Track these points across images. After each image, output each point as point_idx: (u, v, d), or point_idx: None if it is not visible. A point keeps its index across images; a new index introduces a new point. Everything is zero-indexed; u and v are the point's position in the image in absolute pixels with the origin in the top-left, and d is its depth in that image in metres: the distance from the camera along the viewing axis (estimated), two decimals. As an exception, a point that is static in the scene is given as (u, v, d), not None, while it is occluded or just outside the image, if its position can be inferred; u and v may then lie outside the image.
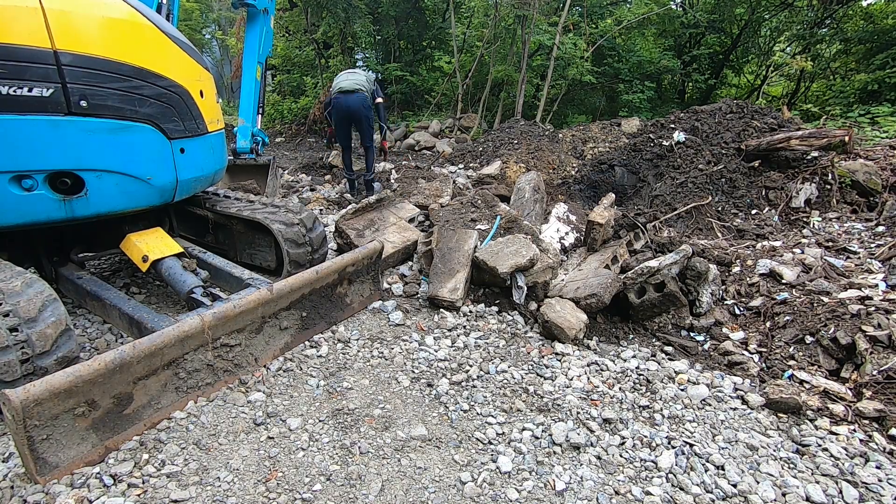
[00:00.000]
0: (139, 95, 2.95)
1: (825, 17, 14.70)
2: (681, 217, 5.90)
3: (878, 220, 5.27)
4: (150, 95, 3.01)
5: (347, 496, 2.16)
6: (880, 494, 2.33)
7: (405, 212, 5.50)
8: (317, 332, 3.34)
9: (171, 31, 3.29)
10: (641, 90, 14.68)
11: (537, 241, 4.50)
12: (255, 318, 2.87)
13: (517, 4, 12.45)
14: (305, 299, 3.20)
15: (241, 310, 2.72)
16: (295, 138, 16.48)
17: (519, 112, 13.47)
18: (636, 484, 2.35)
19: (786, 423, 2.87)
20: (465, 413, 2.77)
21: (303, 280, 3.10)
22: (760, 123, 7.05)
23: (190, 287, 3.11)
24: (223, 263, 3.60)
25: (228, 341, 2.74)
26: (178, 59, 3.26)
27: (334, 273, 3.36)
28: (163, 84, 3.08)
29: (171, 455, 2.30)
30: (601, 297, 3.78)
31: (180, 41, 3.33)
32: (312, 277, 3.16)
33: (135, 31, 2.96)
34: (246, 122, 7.24)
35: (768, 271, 4.28)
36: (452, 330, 3.67)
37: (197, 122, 3.37)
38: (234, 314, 2.70)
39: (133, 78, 2.91)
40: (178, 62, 3.25)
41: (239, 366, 2.82)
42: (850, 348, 3.25)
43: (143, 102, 2.98)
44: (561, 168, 9.17)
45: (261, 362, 2.95)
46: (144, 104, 2.99)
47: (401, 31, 17.75)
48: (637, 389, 3.11)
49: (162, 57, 3.11)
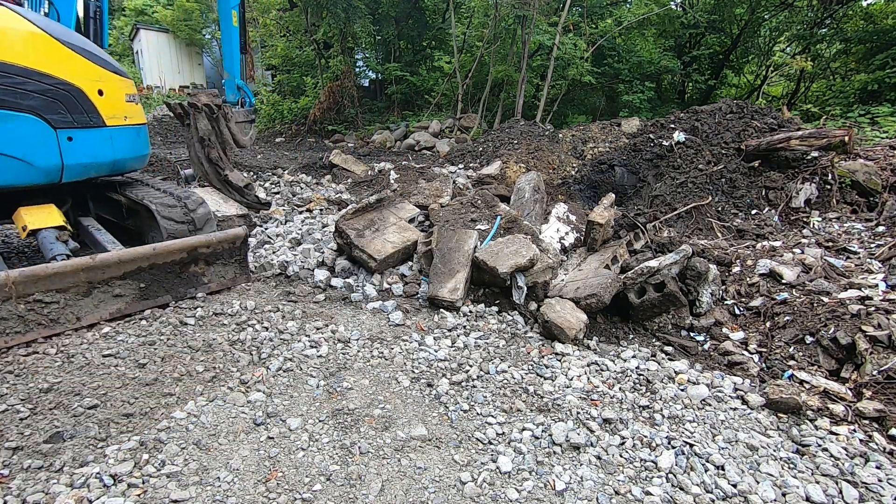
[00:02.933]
0: (23, 90, 3.50)
1: (825, 17, 14.71)
2: (681, 217, 5.90)
3: (878, 220, 5.27)
4: (35, 91, 3.55)
5: (347, 496, 2.16)
6: (880, 494, 2.33)
7: (405, 212, 5.50)
8: (160, 303, 3.60)
9: (71, 41, 3.86)
10: (641, 90, 14.68)
11: (537, 241, 4.50)
12: (80, 281, 3.20)
13: (517, 4, 12.45)
14: (144, 272, 3.50)
15: (54, 272, 3.07)
16: (295, 138, 16.49)
17: (519, 112, 13.47)
18: (636, 484, 2.35)
19: (786, 423, 2.87)
20: (465, 413, 2.77)
21: (135, 254, 3.44)
22: (760, 123, 7.05)
23: (54, 254, 3.46)
24: (104, 239, 4.03)
25: (44, 298, 3.08)
26: (72, 62, 3.82)
27: (178, 252, 3.64)
28: (49, 82, 3.62)
29: (171, 455, 2.30)
30: (601, 297, 3.78)
31: (81, 49, 3.91)
32: (148, 253, 3.49)
33: (22, 38, 3.56)
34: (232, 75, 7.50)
35: (768, 271, 4.28)
36: (452, 330, 3.67)
37: (90, 115, 3.90)
38: (46, 275, 3.04)
39: (17, 75, 3.47)
40: (72, 65, 3.81)
41: (56, 321, 3.13)
42: (850, 348, 3.25)
43: (27, 96, 3.52)
44: (561, 168, 9.17)
45: (84, 322, 3.25)
46: (28, 98, 3.53)
47: (401, 31, 17.75)
48: (637, 389, 3.11)
49: (51, 60, 3.67)
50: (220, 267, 3.95)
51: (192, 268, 3.76)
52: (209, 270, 3.87)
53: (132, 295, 3.45)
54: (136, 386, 2.73)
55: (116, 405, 2.57)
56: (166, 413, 2.59)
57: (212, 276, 3.90)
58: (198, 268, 3.80)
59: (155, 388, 2.75)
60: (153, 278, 3.55)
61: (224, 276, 3.99)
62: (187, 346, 3.14)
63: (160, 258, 3.55)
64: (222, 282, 3.98)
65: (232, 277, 4.04)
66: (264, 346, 3.29)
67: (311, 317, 3.75)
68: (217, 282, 3.94)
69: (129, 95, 4.40)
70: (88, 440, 2.35)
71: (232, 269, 4.04)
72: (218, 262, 3.92)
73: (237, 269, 4.07)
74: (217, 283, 3.94)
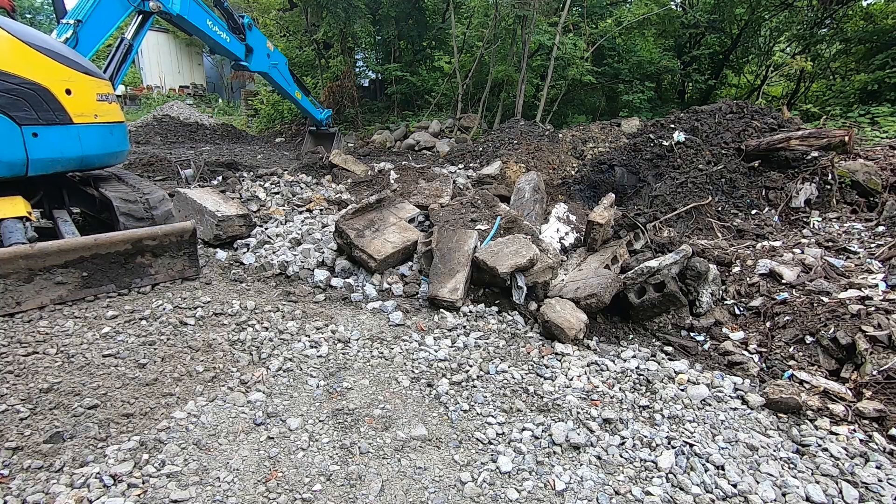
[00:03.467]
0: None
1: (825, 17, 14.71)
2: (681, 217, 5.90)
3: (878, 220, 5.27)
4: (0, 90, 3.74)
5: (347, 496, 2.16)
6: (880, 494, 2.33)
7: (405, 212, 5.50)
8: (103, 292, 3.75)
9: (39, 44, 4.06)
10: (641, 90, 14.68)
11: (537, 242, 4.50)
12: (20, 268, 3.37)
13: (517, 4, 12.45)
14: (87, 261, 3.66)
15: None
16: (295, 138, 16.49)
17: (519, 112, 13.48)
18: (636, 484, 2.35)
19: (786, 423, 2.87)
20: (465, 413, 2.77)
21: (75, 244, 3.61)
22: (760, 123, 7.05)
23: (11, 242, 3.61)
24: (66, 230, 4.19)
25: None
26: (39, 62, 4.00)
27: (121, 243, 3.80)
28: (14, 81, 3.80)
29: (171, 455, 2.30)
30: (601, 297, 3.78)
31: (48, 51, 4.10)
32: (89, 243, 3.65)
33: None
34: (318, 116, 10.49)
35: (768, 271, 4.28)
36: (452, 330, 3.67)
37: (56, 113, 4.08)
38: None
39: None
40: (39, 65, 3.99)
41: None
42: (850, 348, 3.25)
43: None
44: (561, 168, 9.17)
45: (25, 306, 3.40)
46: None
47: (401, 32, 17.75)
48: (637, 389, 3.11)
49: (16, 60, 3.85)
50: (167, 259, 4.07)
51: (138, 259, 3.91)
52: (156, 262, 4.01)
53: (74, 283, 3.63)
54: (136, 386, 2.73)
55: (116, 405, 2.57)
56: (166, 413, 2.59)
57: (159, 268, 4.03)
58: (144, 259, 3.94)
59: (155, 388, 2.75)
60: (96, 267, 3.71)
61: (172, 268, 4.11)
62: (187, 346, 3.15)
63: (103, 249, 3.71)
64: (170, 274, 4.10)
65: (180, 270, 4.16)
66: (264, 346, 3.29)
67: (311, 317, 3.76)
68: (164, 274, 4.07)
69: (101, 95, 4.57)
70: (88, 440, 2.35)
71: (180, 261, 4.15)
72: (165, 255, 4.05)
73: (186, 262, 4.19)
74: (164, 275, 4.07)
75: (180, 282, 4.14)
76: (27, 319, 3.26)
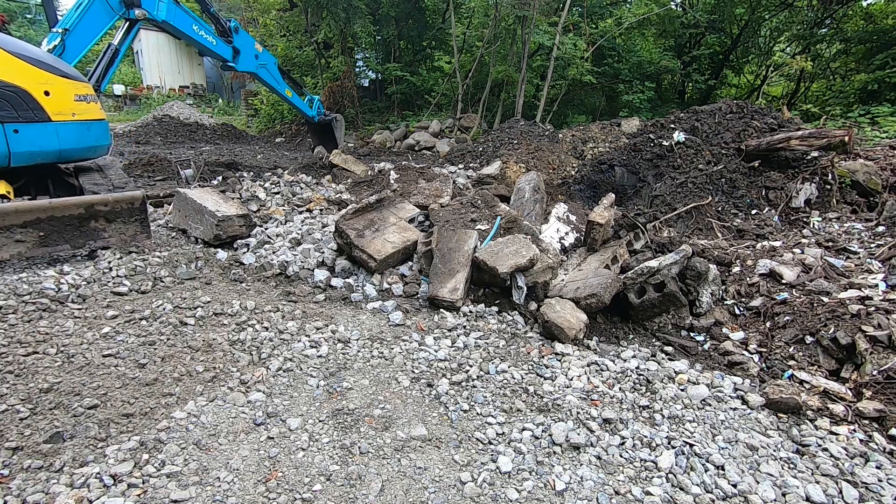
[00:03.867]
0: None
1: (825, 17, 14.72)
2: (681, 217, 5.90)
3: (878, 220, 5.27)
4: None
5: (347, 496, 2.16)
6: (880, 494, 2.33)
7: (405, 212, 5.50)
8: (59, 251, 4.19)
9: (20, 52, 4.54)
10: (641, 90, 14.69)
11: (537, 242, 4.50)
12: None
13: (517, 4, 12.45)
14: (43, 223, 4.06)
15: None
16: (295, 138, 16.49)
17: (519, 112, 13.48)
18: (636, 484, 2.35)
19: (786, 423, 2.87)
20: (465, 413, 2.77)
21: (31, 206, 4.05)
22: (760, 123, 7.05)
23: None
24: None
25: None
26: (18, 68, 4.48)
27: (75, 207, 4.22)
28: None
29: (171, 455, 2.30)
30: (601, 297, 3.78)
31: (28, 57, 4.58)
32: (44, 206, 4.07)
33: None
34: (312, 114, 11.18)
35: (768, 271, 4.28)
36: (452, 330, 3.67)
37: (35, 112, 4.56)
38: None
39: None
40: (18, 70, 4.47)
41: None
42: (850, 348, 3.25)
43: None
44: (561, 168, 9.18)
45: None
46: None
47: (401, 32, 17.76)
48: (637, 389, 3.11)
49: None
50: (120, 224, 4.49)
51: (92, 223, 4.33)
52: (110, 227, 4.43)
53: (32, 241, 4.04)
54: (136, 386, 2.73)
55: (116, 405, 2.57)
56: (166, 413, 2.59)
57: (112, 232, 4.45)
58: (98, 223, 4.36)
59: (155, 388, 2.75)
60: (52, 229, 4.11)
61: (125, 233, 4.53)
62: (187, 346, 3.15)
63: (58, 211, 4.12)
64: (123, 238, 4.52)
65: (133, 235, 4.57)
66: (264, 346, 3.29)
67: (311, 317, 3.76)
68: (118, 238, 4.49)
69: (79, 95, 5.05)
70: (88, 440, 2.35)
71: (133, 227, 4.56)
72: (118, 220, 4.47)
73: (138, 228, 4.60)
74: (118, 239, 4.49)
75: (135, 249, 4.54)
76: (27, 320, 3.26)
